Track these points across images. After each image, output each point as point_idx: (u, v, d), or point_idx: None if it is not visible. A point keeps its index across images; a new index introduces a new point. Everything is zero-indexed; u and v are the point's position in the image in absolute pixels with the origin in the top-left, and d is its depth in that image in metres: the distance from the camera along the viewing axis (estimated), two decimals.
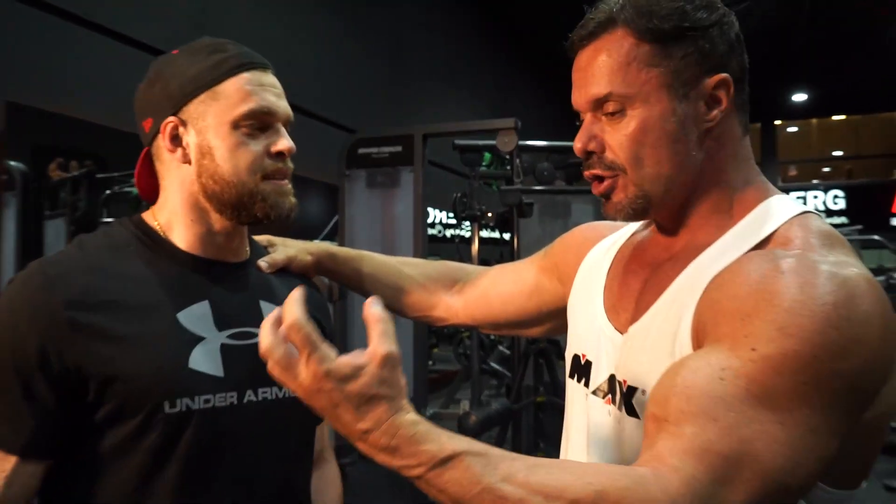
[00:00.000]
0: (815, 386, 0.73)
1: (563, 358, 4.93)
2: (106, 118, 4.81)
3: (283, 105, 1.09)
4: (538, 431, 5.48)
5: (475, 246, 4.94)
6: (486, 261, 7.40)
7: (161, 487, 0.98)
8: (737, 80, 0.93)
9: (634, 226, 1.12)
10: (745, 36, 0.95)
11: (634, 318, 0.96)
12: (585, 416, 1.02)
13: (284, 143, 1.08)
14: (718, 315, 0.81)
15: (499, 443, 5.38)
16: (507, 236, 5.69)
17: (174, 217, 1.10)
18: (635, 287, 1.00)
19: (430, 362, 8.40)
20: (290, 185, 1.11)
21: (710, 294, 0.85)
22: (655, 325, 0.91)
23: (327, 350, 0.76)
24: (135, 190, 4.57)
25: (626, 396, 0.93)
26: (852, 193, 17.61)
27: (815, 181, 19.74)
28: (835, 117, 21.39)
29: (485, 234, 5.93)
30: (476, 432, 4.13)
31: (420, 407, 4.43)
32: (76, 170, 4.51)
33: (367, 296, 1.36)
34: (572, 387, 1.09)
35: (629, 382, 0.93)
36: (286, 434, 1.12)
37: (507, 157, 5.12)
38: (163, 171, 1.11)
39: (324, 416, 0.80)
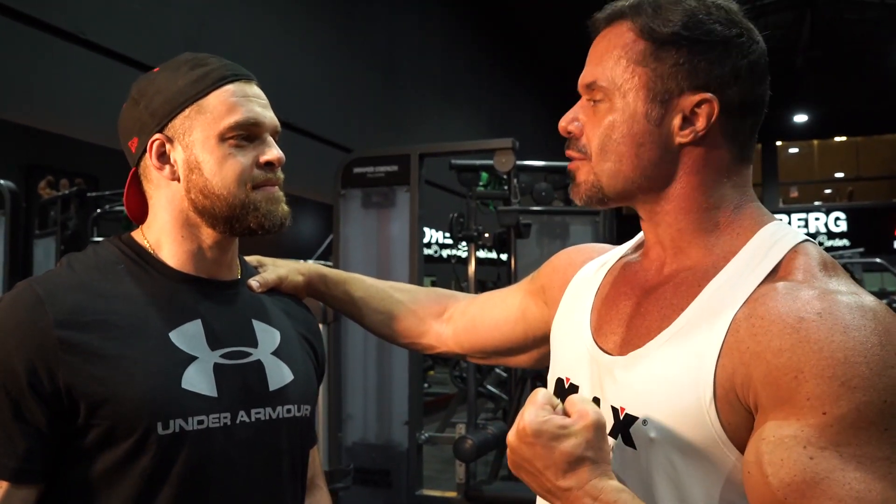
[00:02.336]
0: None
1: None
2: (99, 136, 4.83)
3: (269, 115, 1.09)
4: None
5: (472, 267, 4.95)
6: (482, 282, 7.40)
7: None
8: (731, 109, 0.91)
9: (624, 248, 1.11)
10: None
11: (628, 341, 0.95)
12: None
13: (273, 153, 1.08)
14: (766, 372, 0.80)
15: (495, 468, 5.35)
16: (504, 257, 5.70)
17: (163, 235, 1.10)
18: (625, 310, 0.98)
19: (426, 385, 8.40)
20: (281, 193, 1.10)
21: (740, 339, 0.83)
22: (665, 355, 0.89)
23: (543, 405, 0.84)
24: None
25: (622, 425, 0.91)
26: (854, 216, 17.69)
27: (816, 203, 19.82)
28: (836, 138, 21.53)
29: (482, 254, 5.93)
30: (472, 457, 4.11)
31: (415, 431, 4.42)
32: (66, 188, 4.51)
33: (356, 319, 1.36)
34: None
35: (628, 410, 0.91)
36: (279, 455, 1.10)
37: (505, 176, 5.13)
38: (151, 190, 1.11)
39: (521, 467, 0.85)
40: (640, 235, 1.08)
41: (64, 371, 0.94)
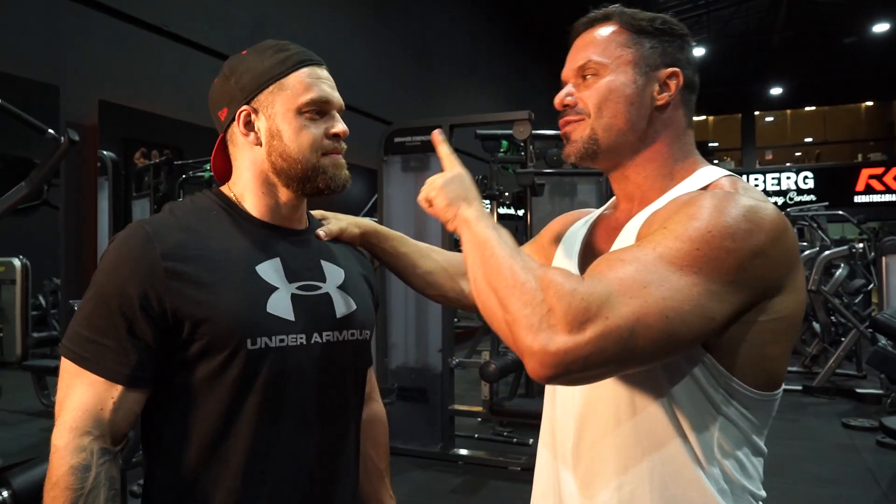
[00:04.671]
0: (706, 253, 0.80)
1: None
2: (182, 114, 4.84)
3: (336, 95, 1.10)
4: None
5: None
6: None
7: (243, 412, 1.00)
8: (687, 84, 1.02)
9: (602, 209, 1.18)
10: (729, 38, 1.00)
11: None
12: None
13: (340, 126, 1.09)
14: (649, 227, 0.91)
15: (514, 386, 5.41)
16: (521, 213, 5.67)
17: (246, 191, 1.11)
18: (602, 248, 1.05)
19: (456, 319, 8.45)
20: (343, 161, 1.12)
21: (645, 221, 0.94)
22: None
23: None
24: (206, 174, 4.60)
25: None
26: (820, 175, 17.30)
27: (788, 164, 19.38)
28: (807, 108, 20.97)
29: (502, 210, 5.91)
30: (495, 378, 4.16)
31: (447, 357, 4.46)
32: (157, 158, 4.55)
33: (397, 270, 1.37)
34: None
35: None
36: (343, 370, 1.13)
37: (522, 144, 5.08)
38: (236, 153, 1.12)
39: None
40: (613, 199, 1.14)
41: (170, 296, 0.96)
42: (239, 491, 0.99)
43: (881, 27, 16.09)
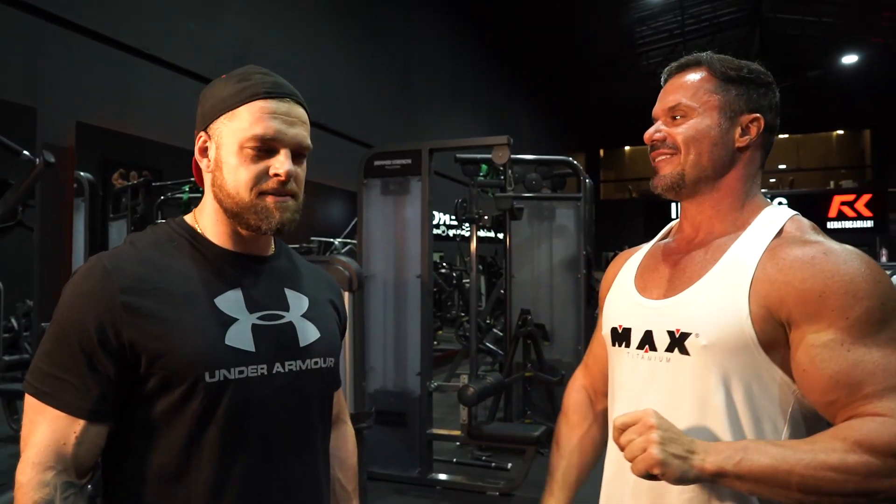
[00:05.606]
0: None
1: (547, 339, 4.86)
2: (161, 135, 4.82)
3: (291, 133, 1.03)
4: (526, 401, 5.48)
5: (473, 244, 4.94)
6: (482, 257, 7.34)
7: (204, 445, 0.98)
8: (767, 128, 1.12)
9: (656, 238, 1.26)
10: None
11: (672, 289, 1.11)
12: (632, 368, 1.14)
13: (281, 167, 1.01)
14: (797, 295, 0.98)
15: (493, 410, 5.37)
16: (500, 236, 5.69)
17: (209, 217, 1.09)
18: (665, 272, 1.15)
19: (435, 342, 8.41)
20: (290, 202, 1.04)
21: (769, 274, 1.01)
22: (709, 289, 1.05)
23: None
24: (185, 195, 4.56)
25: (679, 340, 1.06)
26: (794, 200, 17.61)
27: (763, 190, 19.65)
28: (780, 136, 21.32)
29: (482, 233, 5.92)
30: (474, 402, 4.13)
31: (426, 380, 4.43)
32: (135, 179, 4.51)
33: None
34: (615, 352, 1.19)
35: (682, 329, 1.06)
36: (308, 399, 1.11)
37: (501, 168, 5.11)
38: (202, 177, 1.11)
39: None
40: (667, 227, 1.27)
41: (128, 330, 0.95)
42: None
43: (850, 59, 16.52)
